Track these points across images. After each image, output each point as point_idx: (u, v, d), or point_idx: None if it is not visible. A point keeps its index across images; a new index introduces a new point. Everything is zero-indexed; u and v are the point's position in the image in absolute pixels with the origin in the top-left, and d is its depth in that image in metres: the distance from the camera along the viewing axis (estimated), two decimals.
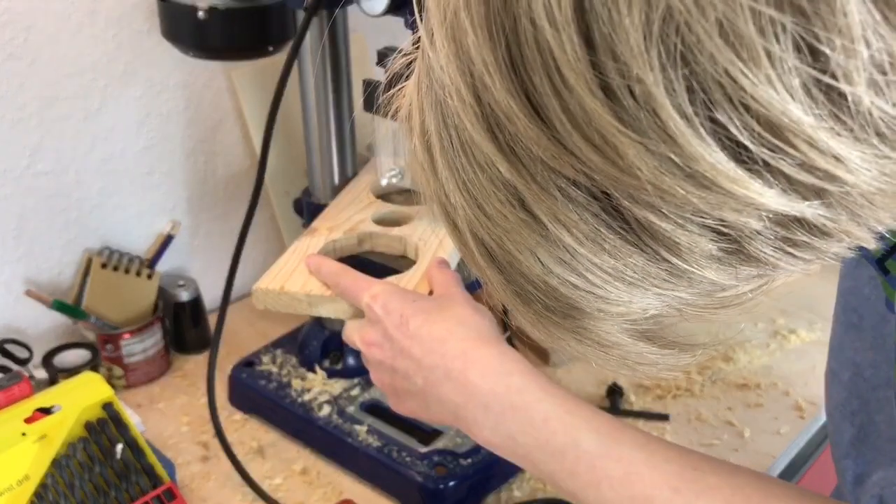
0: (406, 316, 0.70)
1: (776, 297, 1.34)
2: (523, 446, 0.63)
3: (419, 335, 0.68)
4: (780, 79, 0.30)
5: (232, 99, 1.24)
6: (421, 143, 0.41)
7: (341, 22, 0.95)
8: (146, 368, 1.14)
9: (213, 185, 1.27)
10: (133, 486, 0.88)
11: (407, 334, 0.69)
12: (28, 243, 1.10)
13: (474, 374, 0.66)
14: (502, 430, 0.64)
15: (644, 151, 0.33)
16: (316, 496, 0.97)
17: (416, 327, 0.69)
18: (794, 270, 0.39)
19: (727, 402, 1.12)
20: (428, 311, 0.70)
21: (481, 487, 0.96)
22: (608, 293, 0.40)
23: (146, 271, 1.15)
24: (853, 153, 0.32)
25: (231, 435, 1.04)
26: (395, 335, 0.69)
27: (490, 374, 0.65)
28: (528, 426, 0.63)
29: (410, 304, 0.71)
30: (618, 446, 0.60)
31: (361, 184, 1.01)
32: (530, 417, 0.63)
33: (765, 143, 0.32)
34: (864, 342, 0.66)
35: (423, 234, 0.89)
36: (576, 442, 0.61)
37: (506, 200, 0.38)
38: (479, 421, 0.65)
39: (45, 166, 1.09)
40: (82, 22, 1.06)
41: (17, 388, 0.88)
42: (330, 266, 0.81)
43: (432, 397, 0.68)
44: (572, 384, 1.15)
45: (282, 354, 1.12)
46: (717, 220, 0.35)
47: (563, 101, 0.33)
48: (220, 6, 1.00)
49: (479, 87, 0.35)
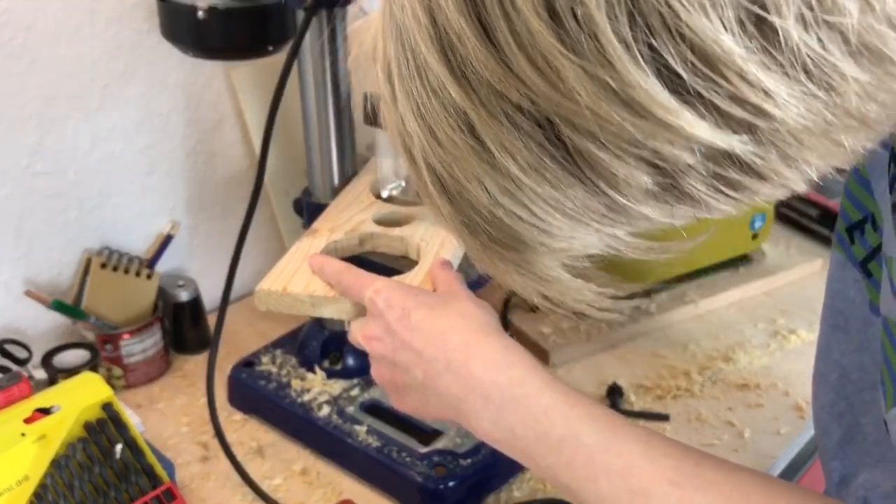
0: (408, 309, 0.69)
1: (776, 298, 1.35)
2: (522, 439, 0.63)
3: (421, 327, 0.68)
4: (715, 8, 0.32)
5: (232, 99, 1.24)
6: (383, 72, 0.42)
7: (341, 21, 0.95)
8: (146, 369, 1.14)
9: (213, 185, 1.27)
10: (132, 486, 0.88)
11: (408, 327, 0.68)
12: (27, 243, 1.10)
13: (476, 365, 0.65)
14: (502, 422, 0.64)
15: (583, 75, 0.34)
16: (315, 496, 0.97)
17: (417, 320, 0.68)
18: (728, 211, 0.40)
19: (727, 403, 1.12)
20: (431, 304, 0.70)
21: (481, 488, 0.96)
22: (550, 226, 0.41)
23: (146, 271, 1.15)
24: (781, 88, 0.33)
25: (231, 435, 1.03)
26: (397, 328, 0.69)
27: (491, 366, 0.65)
28: (527, 418, 0.63)
29: (413, 297, 0.71)
30: (617, 440, 0.60)
31: (362, 184, 1.01)
32: (530, 409, 0.63)
33: (698, 73, 0.33)
34: (850, 344, 0.67)
35: (424, 235, 0.89)
36: (575, 434, 0.61)
37: (456, 126, 0.39)
38: (479, 413, 0.65)
39: (45, 166, 1.09)
40: (82, 21, 1.06)
41: (16, 388, 0.88)
42: (333, 265, 0.80)
43: (432, 391, 0.67)
44: (572, 383, 1.13)
45: (281, 355, 1.12)
46: (652, 153, 0.36)
47: (511, 22, 0.34)
48: (220, 6, 1.00)
49: (434, 7, 0.36)
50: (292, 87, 0.93)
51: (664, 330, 1.27)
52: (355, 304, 0.78)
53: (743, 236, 1.38)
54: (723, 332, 1.26)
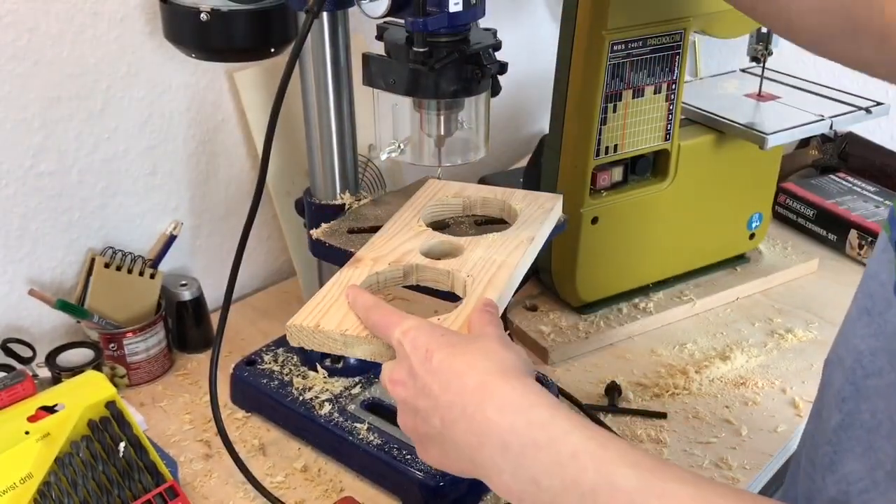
0: (431, 350, 0.63)
1: (773, 297, 1.36)
2: (548, 490, 0.55)
3: (440, 369, 0.62)
4: None
5: (234, 100, 1.25)
6: None
7: (342, 23, 0.96)
8: (149, 367, 1.15)
9: (215, 186, 1.28)
10: (136, 484, 0.89)
11: (429, 370, 0.63)
12: (31, 243, 1.11)
13: (491, 408, 0.58)
14: (523, 472, 0.57)
15: None
16: (317, 493, 0.98)
17: (438, 361, 0.63)
18: None
19: (724, 401, 1.13)
20: (454, 344, 0.64)
21: (481, 485, 0.97)
22: None
23: (149, 271, 1.16)
24: None
25: (233, 433, 1.04)
26: (419, 371, 0.63)
27: (509, 409, 0.58)
28: (553, 465, 0.55)
29: (437, 338, 0.65)
30: (660, 482, 0.53)
31: (412, 209, 0.95)
32: (556, 454, 0.55)
33: None
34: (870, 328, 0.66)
35: (472, 270, 0.82)
36: (610, 479, 0.53)
37: None
38: (497, 464, 0.58)
39: (48, 166, 1.10)
40: (85, 23, 1.07)
41: (20, 386, 0.89)
42: (365, 299, 0.73)
43: (450, 441, 0.61)
44: (571, 383, 1.16)
45: (283, 353, 1.13)
46: None
47: None
48: (222, 8, 1.01)
49: None
50: (294, 89, 0.94)
51: (662, 329, 1.28)
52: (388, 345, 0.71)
53: (740, 236, 1.39)
54: (720, 330, 1.27)
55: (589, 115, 1.13)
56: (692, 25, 1.16)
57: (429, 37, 0.87)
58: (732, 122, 1.26)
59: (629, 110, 1.16)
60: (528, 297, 1.31)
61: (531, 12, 1.66)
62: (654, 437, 1.06)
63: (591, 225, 1.20)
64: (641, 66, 1.14)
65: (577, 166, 1.17)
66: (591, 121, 1.14)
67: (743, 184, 1.33)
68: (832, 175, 1.63)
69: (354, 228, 0.97)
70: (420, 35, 0.86)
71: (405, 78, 0.90)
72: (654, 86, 1.17)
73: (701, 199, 1.30)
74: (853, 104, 1.33)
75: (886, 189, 1.57)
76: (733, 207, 1.35)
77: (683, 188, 1.26)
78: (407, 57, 0.89)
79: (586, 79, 1.12)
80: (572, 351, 1.21)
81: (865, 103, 1.32)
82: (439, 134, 0.95)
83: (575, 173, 1.17)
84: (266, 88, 1.23)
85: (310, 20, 0.89)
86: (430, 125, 0.94)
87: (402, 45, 0.89)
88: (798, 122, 1.27)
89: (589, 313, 1.27)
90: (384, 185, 1.37)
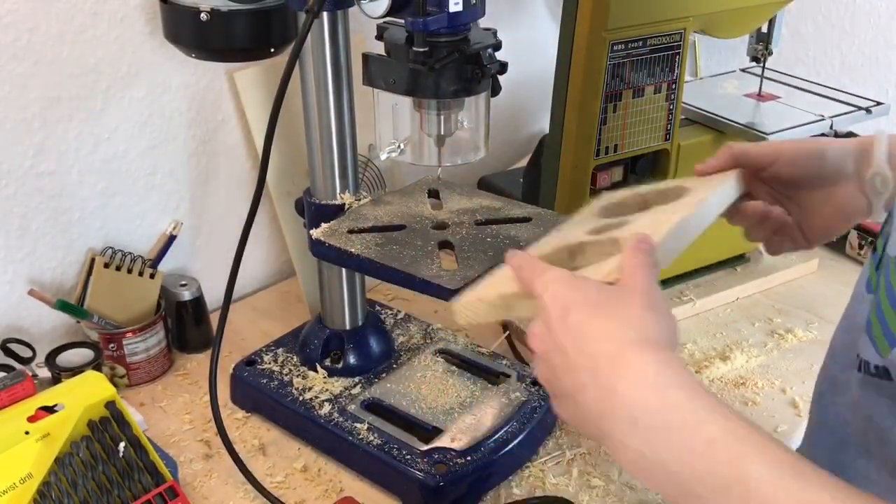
0: (568, 307, 0.60)
1: (773, 297, 1.36)
2: (677, 475, 0.52)
3: (575, 330, 0.59)
4: None
5: (234, 100, 1.25)
6: None
7: (342, 23, 0.96)
8: (148, 367, 1.15)
9: (215, 186, 1.28)
10: (135, 484, 0.89)
11: (565, 327, 0.59)
12: (31, 243, 1.11)
13: (623, 382, 0.55)
14: (651, 453, 0.53)
15: None
16: (317, 493, 0.98)
17: (574, 321, 0.59)
18: None
19: (725, 401, 1.12)
20: (594, 304, 0.60)
21: (481, 485, 0.97)
22: None
23: (149, 271, 1.16)
24: None
25: (233, 433, 1.04)
26: (555, 326, 0.60)
27: (642, 384, 0.54)
28: (685, 451, 0.52)
29: (578, 293, 0.61)
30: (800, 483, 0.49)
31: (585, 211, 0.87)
32: (689, 440, 0.52)
33: None
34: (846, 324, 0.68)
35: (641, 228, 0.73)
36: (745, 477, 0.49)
37: None
38: (623, 438, 0.55)
39: (49, 166, 1.10)
40: (85, 23, 1.07)
41: (20, 386, 0.89)
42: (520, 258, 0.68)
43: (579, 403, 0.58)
44: None
45: (283, 353, 1.13)
46: None
47: None
48: (222, 8, 1.01)
49: None
50: (294, 89, 0.94)
51: None
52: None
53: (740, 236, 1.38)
54: (720, 330, 1.27)
55: (589, 115, 1.13)
56: (692, 25, 1.16)
57: (429, 37, 0.87)
58: (732, 122, 1.26)
59: (629, 110, 1.16)
60: None
61: (531, 12, 1.66)
62: None
63: None
64: (641, 66, 1.14)
65: (577, 166, 1.17)
66: (591, 121, 1.14)
67: None
68: None
69: (354, 228, 0.97)
70: (420, 35, 0.86)
71: (405, 78, 0.90)
72: (654, 86, 1.17)
73: None
74: (853, 104, 1.33)
75: None
76: None
77: None
78: (407, 57, 0.89)
79: (586, 79, 1.12)
80: None
81: (865, 103, 1.32)
82: (439, 134, 0.95)
83: (575, 173, 1.17)
84: (266, 88, 1.23)
85: (310, 20, 0.89)
86: (430, 125, 0.94)
87: (402, 45, 0.89)
88: (798, 122, 1.27)
89: None
90: (384, 185, 1.37)
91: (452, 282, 0.85)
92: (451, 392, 1.06)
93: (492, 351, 1.14)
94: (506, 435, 0.99)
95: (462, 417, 1.01)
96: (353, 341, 1.10)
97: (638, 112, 1.17)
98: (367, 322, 1.12)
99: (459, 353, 1.13)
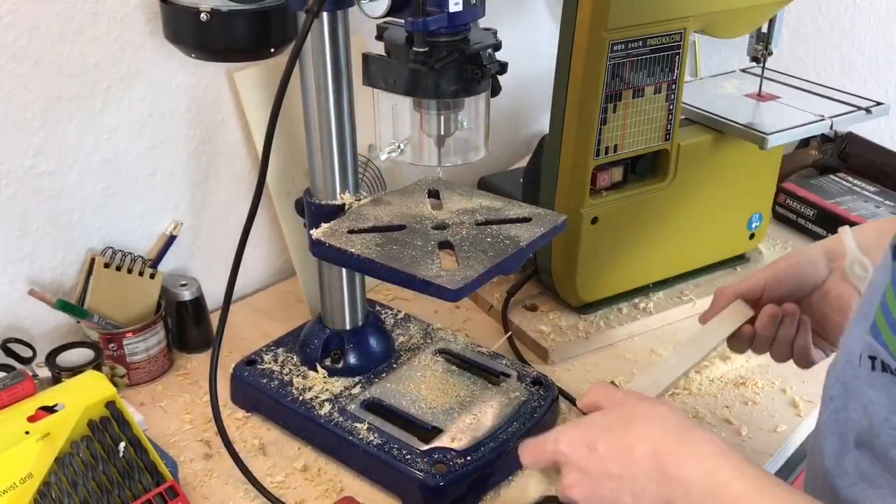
0: (591, 443, 0.70)
1: None
2: None
3: (611, 454, 0.68)
4: None
5: (234, 100, 1.25)
6: None
7: (342, 23, 0.96)
8: (149, 367, 1.15)
9: (215, 186, 1.28)
10: (136, 483, 0.89)
11: (599, 459, 0.69)
12: (31, 243, 1.11)
13: (671, 466, 0.66)
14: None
15: None
16: (317, 493, 0.98)
17: (605, 448, 0.69)
18: None
19: (724, 401, 1.13)
20: (610, 427, 0.70)
21: (481, 485, 0.97)
22: None
23: (149, 271, 1.16)
24: None
25: (233, 433, 1.04)
26: (589, 465, 0.69)
27: (683, 463, 0.66)
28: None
29: (589, 428, 0.71)
30: None
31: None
32: (723, 499, 0.63)
33: None
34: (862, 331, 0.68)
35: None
36: None
37: None
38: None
39: (49, 167, 1.10)
40: (85, 23, 1.07)
41: (20, 386, 0.89)
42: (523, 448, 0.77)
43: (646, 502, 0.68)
44: (571, 383, 1.16)
45: (283, 353, 1.13)
46: None
47: None
48: (222, 8, 1.01)
49: None
50: (294, 89, 0.94)
51: (662, 329, 1.28)
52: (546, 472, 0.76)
53: (740, 236, 1.39)
54: None
55: (589, 115, 1.13)
56: (692, 25, 1.16)
57: (429, 37, 0.87)
58: (732, 122, 1.26)
59: (629, 110, 1.16)
60: (528, 297, 1.31)
61: (531, 12, 1.66)
62: None
63: (591, 225, 1.20)
64: (641, 66, 1.14)
65: (577, 166, 1.17)
66: (591, 121, 1.14)
67: (743, 184, 1.33)
68: (832, 175, 1.63)
69: (354, 228, 0.97)
70: (420, 35, 0.87)
71: (405, 78, 0.91)
72: (654, 86, 1.17)
73: (701, 199, 1.30)
74: (853, 104, 1.33)
75: (886, 189, 1.57)
76: (733, 207, 1.35)
77: (683, 188, 1.26)
78: (407, 57, 0.89)
79: (586, 79, 1.12)
80: (572, 351, 1.21)
81: (865, 103, 1.33)
82: (439, 134, 0.95)
83: (575, 173, 1.17)
84: (266, 88, 1.23)
85: (310, 20, 0.89)
86: (430, 125, 0.94)
87: (402, 45, 0.89)
88: (798, 122, 1.27)
89: (589, 313, 1.28)
90: (384, 185, 1.37)
91: (452, 282, 0.85)
92: (451, 392, 1.06)
93: (492, 351, 1.14)
94: (506, 434, 0.99)
95: (462, 417, 1.01)
96: (353, 341, 1.10)
97: (638, 112, 1.17)
98: (368, 322, 1.12)
99: (459, 353, 1.13)
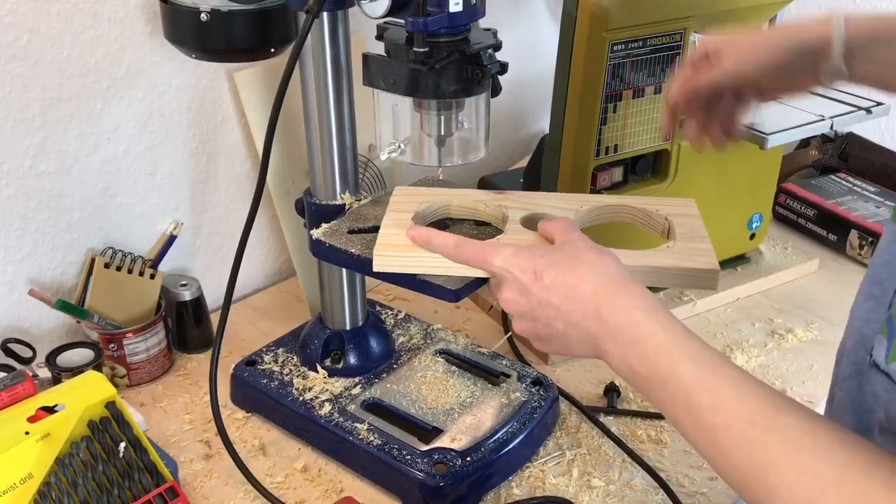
0: (539, 271, 0.76)
1: (774, 298, 1.36)
2: (639, 376, 0.69)
3: (555, 285, 0.74)
4: None
5: (234, 100, 1.25)
6: None
7: (342, 23, 0.96)
8: (149, 367, 1.15)
9: (216, 186, 1.28)
10: (136, 484, 0.89)
11: (543, 287, 0.75)
12: (31, 243, 1.11)
13: (605, 311, 0.72)
14: (626, 361, 0.70)
15: None
16: (317, 494, 0.98)
17: (550, 279, 0.75)
18: None
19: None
20: (557, 262, 0.76)
21: (481, 485, 0.97)
22: None
23: (149, 271, 1.16)
24: None
25: (233, 433, 1.04)
26: (532, 289, 0.76)
27: (616, 311, 0.71)
28: (643, 358, 0.68)
29: (540, 258, 0.77)
30: (712, 377, 0.64)
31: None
32: (645, 349, 0.68)
33: None
34: (877, 314, 0.69)
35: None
36: (676, 371, 0.66)
37: None
38: (610, 352, 0.71)
39: (49, 167, 1.10)
40: (85, 23, 1.07)
41: (20, 386, 0.89)
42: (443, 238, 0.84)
43: (574, 336, 0.75)
44: (571, 383, 1.16)
45: (283, 353, 1.13)
46: None
47: None
48: (222, 8, 1.01)
49: None
50: (294, 89, 0.94)
51: None
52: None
53: (741, 236, 1.39)
54: (721, 331, 1.27)
55: (589, 115, 1.13)
56: (692, 25, 1.16)
57: (429, 37, 0.87)
58: None
59: (629, 110, 1.16)
60: None
61: (531, 12, 1.66)
62: (654, 438, 1.06)
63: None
64: (641, 66, 1.14)
65: (577, 166, 1.17)
66: (591, 121, 1.14)
67: (743, 184, 1.33)
68: (832, 175, 1.63)
69: (354, 228, 0.97)
70: (420, 35, 0.86)
71: (405, 78, 0.90)
72: (654, 86, 1.17)
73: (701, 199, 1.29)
74: (853, 104, 1.33)
75: (886, 189, 1.57)
76: (733, 208, 1.35)
77: (683, 188, 1.26)
78: (407, 57, 0.89)
79: (586, 79, 1.12)
80: None
81: (865, 103, 1.32)
82: (439, 134, 0.95)
83: (575, 173, 1.17)
84: (266, 88, 1.23)
85: (310, 20, 0.89)
86: (431, 125, 0.94)
87: (402, 45, 0.89)
88: (798, 122, 1.27)
89: None
90: (384, 185, 1.37)
91: (452, 282, 0.85)
92: (452, 392, 1.06)
93: (492, 351, 1.14)
94: (506, 435, 0.99)
95: (462, 417, 1.01)
96: (353, 341, 1.10)
97: (638, 112, 1.17)
98: (368, 322, 1.12)
99: (460, 354, 1.13)
